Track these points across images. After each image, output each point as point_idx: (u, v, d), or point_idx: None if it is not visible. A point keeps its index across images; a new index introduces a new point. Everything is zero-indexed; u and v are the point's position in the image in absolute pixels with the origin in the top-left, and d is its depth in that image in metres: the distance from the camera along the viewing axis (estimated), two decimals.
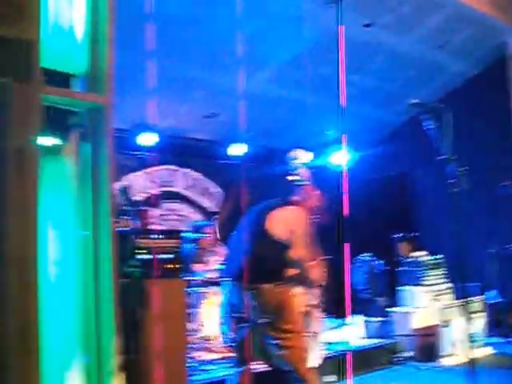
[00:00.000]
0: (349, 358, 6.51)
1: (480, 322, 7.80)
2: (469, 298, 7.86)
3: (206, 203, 9.48)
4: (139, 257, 4.78)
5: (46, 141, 3.25)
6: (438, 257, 8.44)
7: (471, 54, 9.57)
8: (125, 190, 4.24)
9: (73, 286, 3.32)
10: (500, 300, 8.45)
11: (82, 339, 3.26)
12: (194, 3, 6.69)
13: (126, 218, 4.33)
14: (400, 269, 8.59)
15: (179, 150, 8.96)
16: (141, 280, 3.76)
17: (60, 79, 3.28)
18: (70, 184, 3.38)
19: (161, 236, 5.19)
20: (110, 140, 3.32)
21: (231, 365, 5.18)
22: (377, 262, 9.31)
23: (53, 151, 3.39)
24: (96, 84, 3.37)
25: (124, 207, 4.25)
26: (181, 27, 6.89)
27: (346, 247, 6.84)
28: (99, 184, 3.28)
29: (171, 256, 5.19)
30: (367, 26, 8.01)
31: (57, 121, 3.26)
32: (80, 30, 3.42)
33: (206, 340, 6.93)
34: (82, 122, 3.38)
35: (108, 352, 3.18)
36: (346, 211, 7.06)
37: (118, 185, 4.42)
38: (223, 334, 5.29)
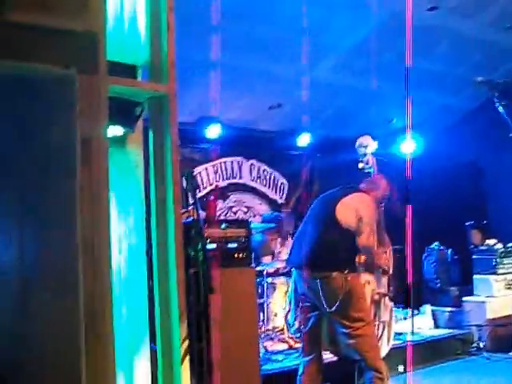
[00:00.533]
0: (410, 348, 6.40)
1: None
2: None
3: (273, 194, 9.47)
4: (207, 246, 4.81)
5: (112, 131, 3.31)
6: (510, 245, 8.21)
7: None
8: (190, 176, 4.25)
9: (140, 274, 3.38)
10: None
11: (150, 325, 3.31)
12: None
13: (191, 207, 4.34)
14: (473, 257, 8.38)
15: (245, 142, 8.97)
16: (208, 268, 3.77)
17: (124, 70, 3.33)
18: (136, 173, 3.44)
19: (229, 225, 5.20)
20: (174, 128, 3.34)
21: (300, 355, 5.17)
22: (448, 251, 9.11)
23: (118, 141, 3.45)
24: (159, 73, 3.40)
25: (189, 194, 4.27)
26: (243, 18, 6.87)
27: (409, 223, 6.69)
28: (164, 172, 3.32)
29: (240, 245, 5.19)
30: (432, 9, 7.80)
31: (122, 111, 3.31)
32: (142, 20, 3.46)
33: (276, 330, 6.94)
34: (147, 111, 3.42)
35: (175, 338, 3.22)
36: (409, 195, 6.94)
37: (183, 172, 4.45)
38: (290, 323, 5.29)
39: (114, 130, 3.37)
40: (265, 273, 6.91)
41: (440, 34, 8.52)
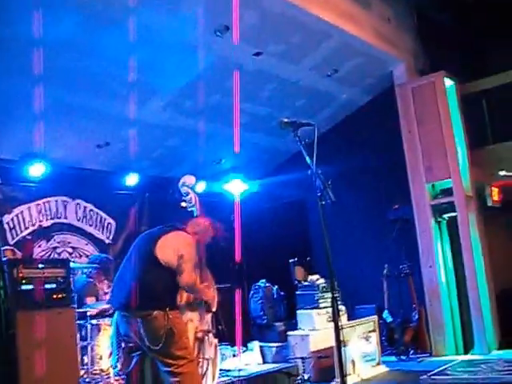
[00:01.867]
0: None
1: (374, 342, 7.96)
2: (363, 319, 8.04)
3: (100, 235, 9.27)
4: (23, 287, 4.65)
5: None
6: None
7: (361, 83, 9.92)
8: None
9: None
10: (392, 319, 8.68)
11: None
12: (83, 29, 6.56)
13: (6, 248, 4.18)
14: (296, 293, 8.67)
15: (71, 181, 8.69)
16: (8, 309, 3.61)
17: None
18: None
19: (46, 265, 5.02)
20: None
21: None
22: (274, 288, 9.38)
23: None
24: None
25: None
26: (69, 53, 6.74)
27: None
28: None
29: (58, 286, 5.02)
30: (257, 54, 8.13)
31: None
32: None
33: (103, 373, 6.72)
34: None
35: None
36: (238, 238, 7.11)
37: None
38: (113, 365, 5.15)
39: None
40: (88, 314, 6.70)
41: (265, 78, 8.88)
